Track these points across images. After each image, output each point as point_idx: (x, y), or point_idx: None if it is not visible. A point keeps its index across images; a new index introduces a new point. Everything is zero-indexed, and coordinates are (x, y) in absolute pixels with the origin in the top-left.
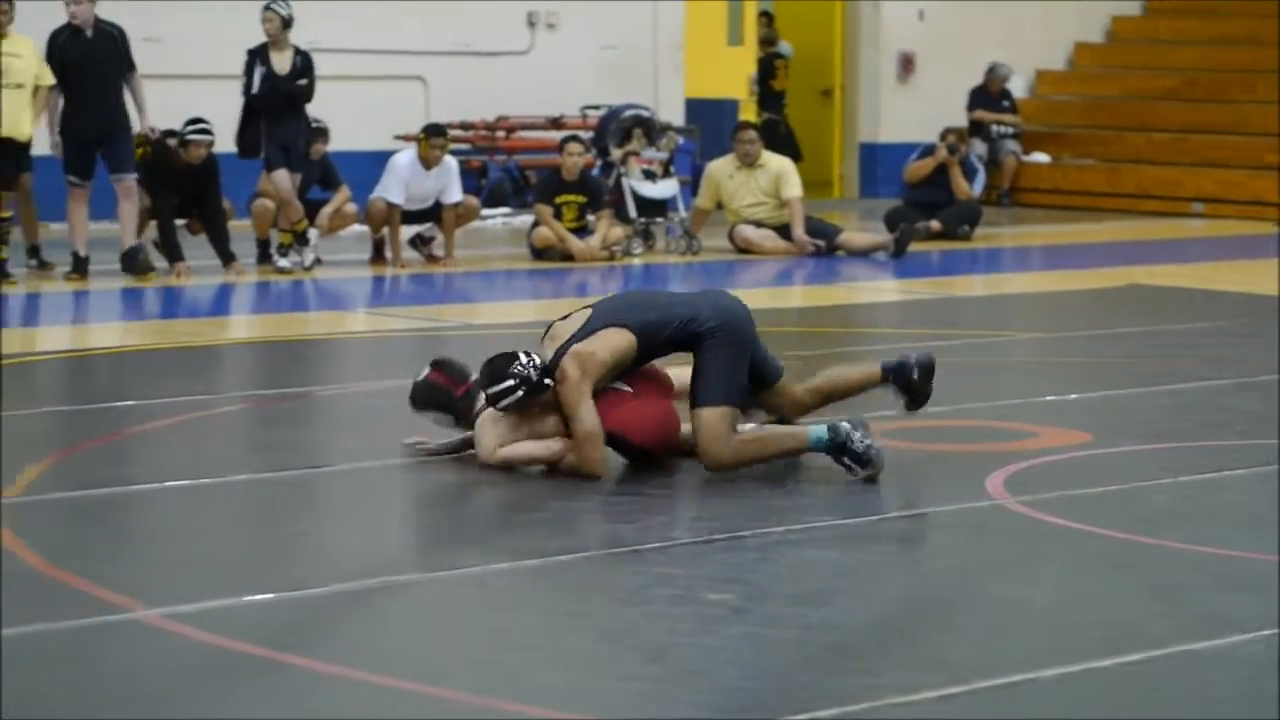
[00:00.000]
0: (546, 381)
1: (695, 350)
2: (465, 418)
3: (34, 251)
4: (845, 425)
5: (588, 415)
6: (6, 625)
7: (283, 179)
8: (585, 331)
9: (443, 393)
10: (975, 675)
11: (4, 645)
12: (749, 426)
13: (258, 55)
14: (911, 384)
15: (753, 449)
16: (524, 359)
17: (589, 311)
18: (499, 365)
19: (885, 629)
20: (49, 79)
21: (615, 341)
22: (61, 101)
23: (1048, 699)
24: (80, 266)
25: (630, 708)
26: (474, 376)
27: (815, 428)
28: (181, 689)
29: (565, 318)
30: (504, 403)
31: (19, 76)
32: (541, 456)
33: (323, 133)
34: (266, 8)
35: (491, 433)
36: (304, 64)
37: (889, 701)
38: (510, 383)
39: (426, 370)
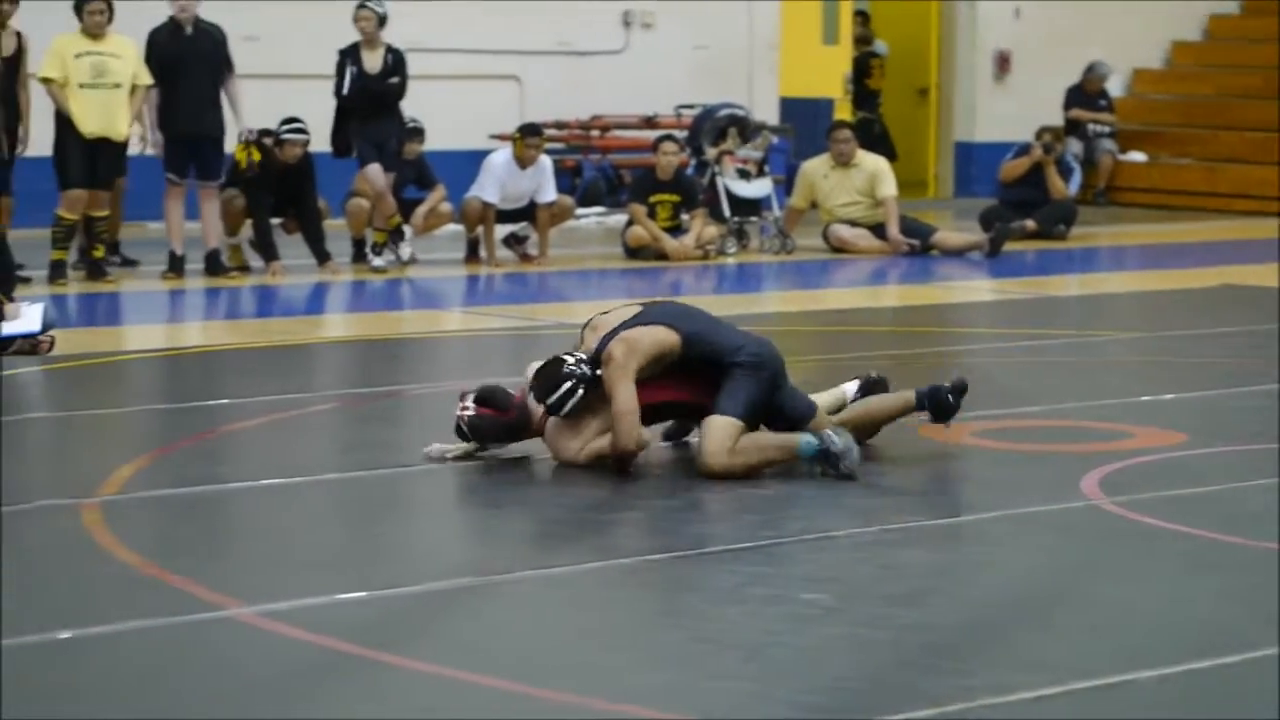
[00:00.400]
0: (598, 371)
1: (725, 374)
2: (522, 432)
3: (115, 249)
4: (828, 434)
5: (625, 394)
6: (102, 622)
7: (376, 173)
8: (634, 323)
9: (497, 422)
10: (1071, 676)
11: (100, 643)
12: None
13: (348, 55)
14: (945, 404)
15: (745, 459)
16: (570, 359)
17: (637, 308)
18: (550, 373)
19: (980, 629)
20: (146, 79)
21: (662, 336)
22: (158, 99)
23: (1145, 700)
24: (177, 265)
25: (726, 707)
26: (516, 395)
27: (805, 436)
28: (277, 687)
29: (606, 313)
30: (568, 406)
31: (117, 76)
32: None
33: (418, 132)
34: (362, 5)
35: (570, 436)
36: (395, 62)
37: (984, 702)
38: (569, 384)
39: (471, 409)
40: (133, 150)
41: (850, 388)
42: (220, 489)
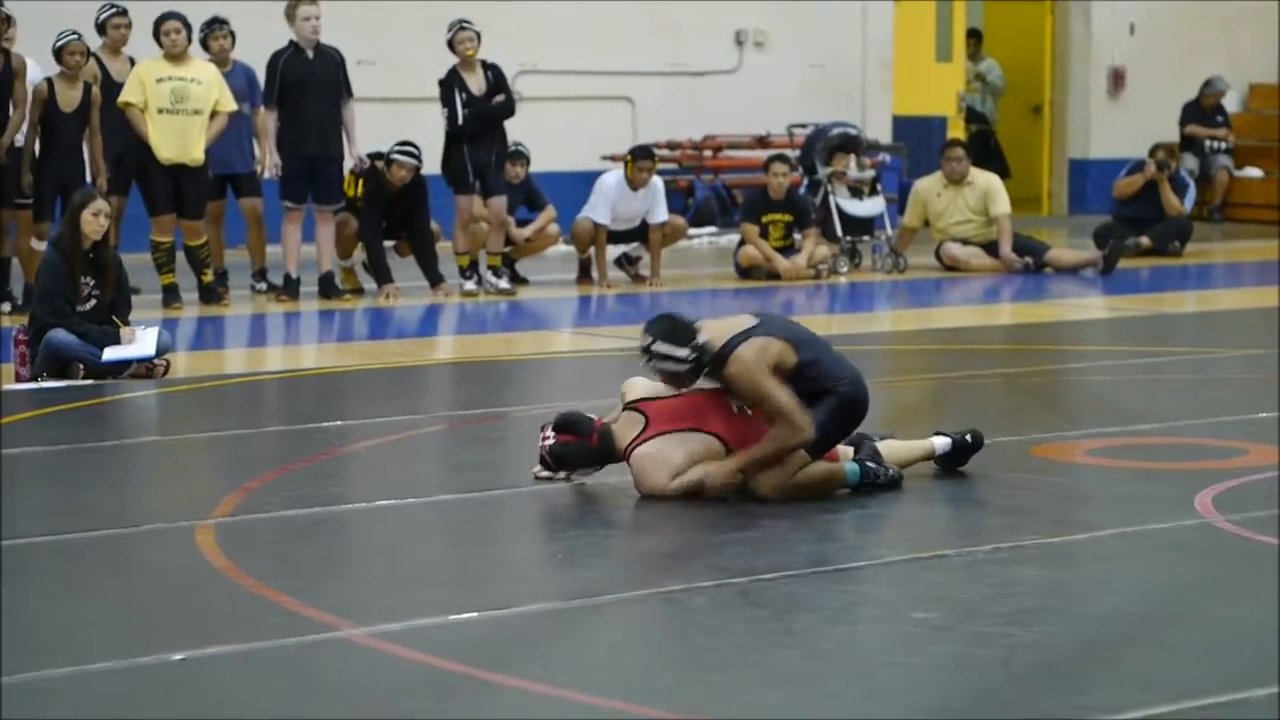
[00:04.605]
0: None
1: (817, 398)
2: (607, 458)
3: (261, 275)
4: (871, 466)
5: (776, 389)
6: (215, 644)
7: (465, 204)
8: (758, 331)
9: (579, 449)
10: (1183, 695)
11: (213, 664)
12: None
13: (454, 83)
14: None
15: (798, 487)
16: (702, 337)
17: (753, 319)
18: (682, 329)
19: (1092, 648)
20: (228, 105)
21: (785, 352)
22: (278, 122)
23: (1258, 719)
24: (291, 288)
25: None
26: (597, 421)
27: (850, 466)
28: (389, 707)
29: (715, 320)
30: (668, 367)
31: (197, 103)
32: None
33: (522, 156)
34: (461, 28)
35: (658, 466)
36: (497, 78)
37: None
38: (685, 352)
39: (552, 437)
40: (268, 175)
41: (940, 443)
42: (333, 510)
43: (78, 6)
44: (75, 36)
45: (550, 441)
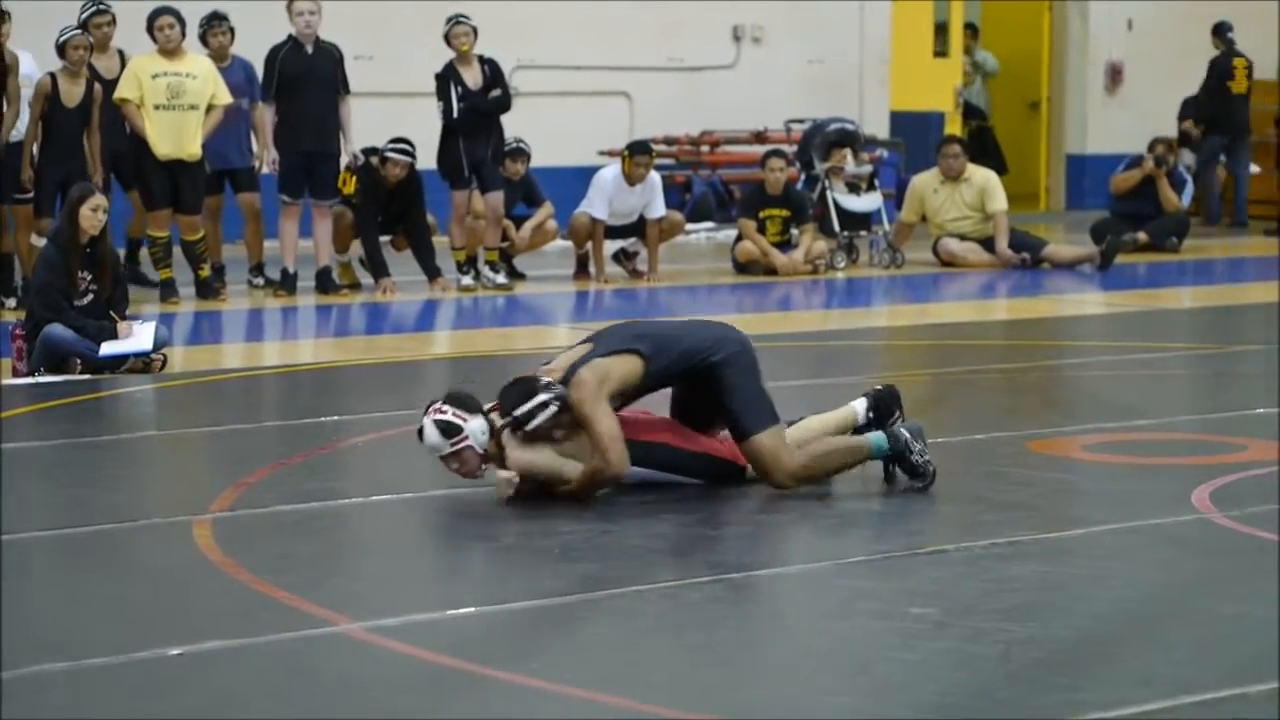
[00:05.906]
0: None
1: (714, 380)
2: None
3: (258, 270)
4: (904, 434)
5: (607, 418)
6: (212, 639)
7: (460, 198)
8: (596, 355)
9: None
10: (1181, 691)
11: (209, 659)
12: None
13: (450, 76)
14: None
15: (817, 465)
16: (543, 380)
17: (589, 345)
18: (525, 385)
19: (1090, 644)
20: (224, 98)
21: (625, 365)
22: (275, 116)
23: (1255, 715)
24: (288, 283)
25: None
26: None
27: (875, 435)
28: (386, 703)
29: (551, 361)
30: (536, 420)
31: (193, 98)
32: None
33: (523, 153)
34: (457, 23)
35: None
36: (494, 73)
37: (1092, 717)
38: (543, 397)
39: (448, 410)
40: (265, 170)
41: (860, 406)
42: (330, 505)
43: (72, 5)
44: (79, 31)
45: (446, 416)
